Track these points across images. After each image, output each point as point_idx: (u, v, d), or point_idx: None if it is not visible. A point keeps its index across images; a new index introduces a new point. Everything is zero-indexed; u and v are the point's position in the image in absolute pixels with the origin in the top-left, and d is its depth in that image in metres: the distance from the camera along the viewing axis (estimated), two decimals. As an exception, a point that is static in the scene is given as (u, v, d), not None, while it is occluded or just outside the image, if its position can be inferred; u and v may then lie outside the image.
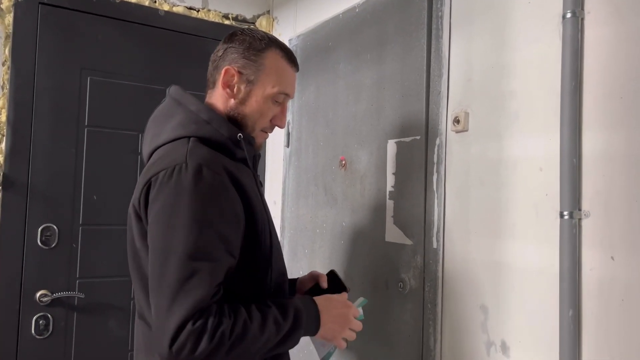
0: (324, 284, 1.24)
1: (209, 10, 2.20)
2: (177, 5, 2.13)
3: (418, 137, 1.41)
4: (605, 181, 1.01)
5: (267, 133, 1.19)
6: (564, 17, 1.07)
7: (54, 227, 1.87)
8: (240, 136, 1.08)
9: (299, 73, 1.25)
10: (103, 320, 1.95)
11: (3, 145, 1.80)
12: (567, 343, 1.03)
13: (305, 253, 1.91)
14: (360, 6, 1.69)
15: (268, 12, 2.35)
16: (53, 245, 1.87)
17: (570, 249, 1.04)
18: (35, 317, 1.83)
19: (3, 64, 1.82)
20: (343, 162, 1.72)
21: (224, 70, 1.11)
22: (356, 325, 1.13)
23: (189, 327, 0.89)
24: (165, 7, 2.11)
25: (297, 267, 1.95)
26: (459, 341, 1.29)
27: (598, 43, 1.04)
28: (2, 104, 1.81)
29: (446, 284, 1.33)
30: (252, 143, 1.13)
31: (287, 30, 2.20)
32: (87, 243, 1.93)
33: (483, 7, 1.28)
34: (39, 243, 1.84)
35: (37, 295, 1.83)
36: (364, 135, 1.62)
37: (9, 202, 1.80)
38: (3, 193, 1.79)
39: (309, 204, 1.90)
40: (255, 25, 2.31)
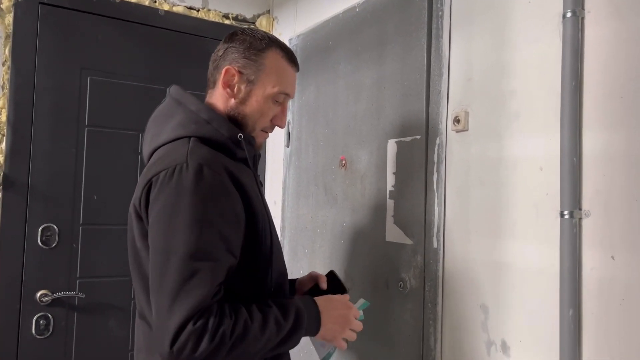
0: (324, 285, 1.24)
1: (209, 10, 2.20)
2: (177, 5, 2.13)
3: (418, 137, 1.41)
4: (605, 181, 1.01)
5: (267, 133, 1.19)
6: (564, 16, 1.07)
7: (54, 227, 1.87)
8: (241, 136, 1.08)
9: (299, 73, 1.25)
10: (103, 320, 1.95)
11: (3, 145, 1.80)
12: (567, 342, 1.03)
13: (306, 253, 1.91)
14: (360, 6, 1.68)
15: (268, 11, 2.35)
16: (53, 245, 1.87)
17: (571, 249, 1.04)
18: (35, 317, 1.83)
19: (3, 64, 1.82)
20: (343, 162, 1.72)
21: (225, 70, 1.11)
22: (356, 326, 1.14)
23: (189, 327, 0.89)
24: (165, 7, 2.11)
25: (298, 266, 1.95)
26: (460, 341, 1.29)
27: (598, 43, 1.04)
28: (2, 104, 1.81)
29: (446, 283, 1.34)
30: (252, 143, 1.13)
31: (287, 30, 2.20)
32: (87, 243, 1.93)
33: (483, 7, 1.28)
34: (40, 243, 1.85)
35: (38, 295, 1.83)
36: (364, 134, 1.62)
37: (9, 202, 1.80)
38: (3, 193, 1.79)
39: (309, 203, 1.90)
40: (255, 25, 2.31)
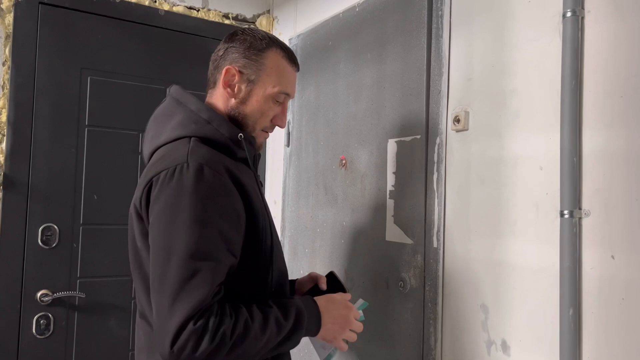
0: (323, 286, 1.24)
1: (209, 10, 2.20)
2: (177, 5, 2.13)
3: (418, 137, 1.41)
4: (605, 180, 1.01)
5: (267, 133, 1.19)
6: (564, 16, 1.07)
7: (55, 226, 1.87)
8: (241, 136, 1.08)
9: (299, 73, 1.25)
10: (104, 320, 1.96)
11: (3, 145, 1.80)
12: (567, 342, 1.03)
13: (306, 252, 1.91)
14: (360, 5, 1.69)
15: (268, 11, 2.35)
16: (54, 245, 1.87)
17: (571, 248, 1.04)
18: (36, 316, 1.83)
19: (3, 64, 1.82)
20: (343, 162, 1.72)
21: (225, 70, 1.11)
22: (357, 327, 1.13)
23: (190, 326, 0.89)
24: (166, 7, 2.11)
25: (298, 266, 1.95)
26: (460, 340, 1.29)
27: (598, 42, 1.04)
28: (3, 103, 1.81)
29: (447, 283, 1.34)
30: (252, 143, 1.13)
31: (287, 30, 2.20)
32: (87, 243, 1.93)
33: (483, 6, 1.29)
34: (40, 243, 1.85)
35: (38, 295, 1.83)
36: (364, 134, 1.62)
37: (9, 202, 1.80)
38: (4, 193, 1.79)
39: (310, 203, 1.90)
40: (255, 25, 2.31)
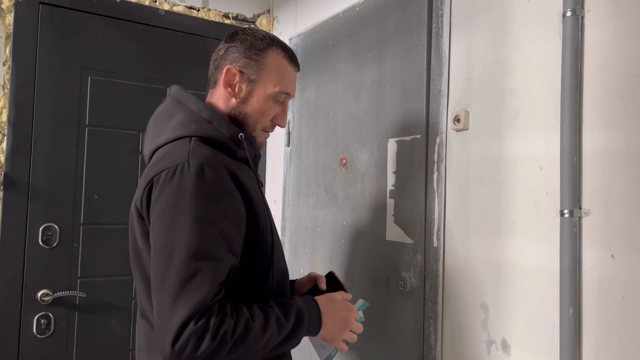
0: (323, 286, 1.23)
1: (209, 10, 2.20)
2: (178, 5, 2.13)
3: (418, 136, 1.41)
4: (605, 179, 1.01)
5: (268, 132, 1.19)
6: (564, 15, 1.07)
7: (55, 226, 1.88)
8: (242, 135, 1.08)
9: (299, 72, 1.25)
10: (104, 320, 1.96)
11: (4, 144, 1.81)
12: (567, 341, 1.03)
13: (306, 252, 1.91)
14: (360, 5, 1.69)
15: (268, 11, 2.35)
16: (54, 244, 1.87)
17: (571, 248, 1.04)
18: (36, 316, 1.83)
19: (4, 64, 1.82)
20: (343, 161, 1.72)
21: (226, 70, 1.11)
22: (357, 327, 1.14)
23: (191, 326, 0.89)
24: (166, 7, 2.11)
25: (298, 266, 1.95)
26: (460, 339, 1.29)
27: (598, 41, 1.04)
28: (3, 103, 1.81)
29: (447, 282, 1.34)
30: (253, 142, 1.13)
31: (288, 30, 2.20)
32: (88, 242, 1.93)
33: (483, 6, 1.29)
34: (40, 242, 1.85)
35: (39, 294, 1.84)
36: (365, 134, 1.62)
37: (10, 201, 1.81)
38: (4, 193, 1.80)
39: (310, 203, 1.90)
40: (255, 25, 2.31)
